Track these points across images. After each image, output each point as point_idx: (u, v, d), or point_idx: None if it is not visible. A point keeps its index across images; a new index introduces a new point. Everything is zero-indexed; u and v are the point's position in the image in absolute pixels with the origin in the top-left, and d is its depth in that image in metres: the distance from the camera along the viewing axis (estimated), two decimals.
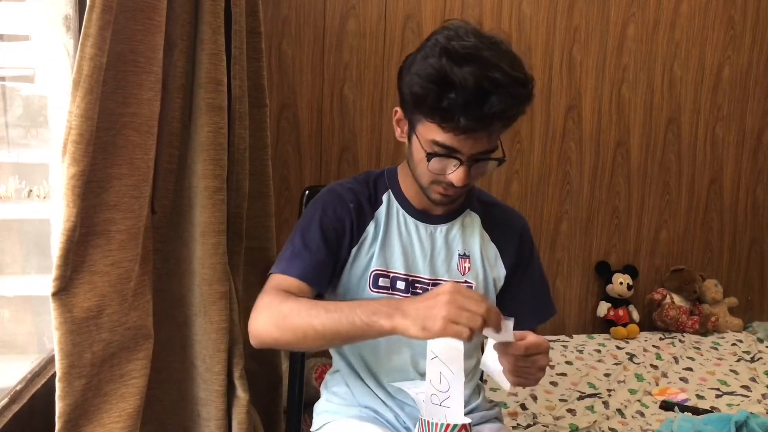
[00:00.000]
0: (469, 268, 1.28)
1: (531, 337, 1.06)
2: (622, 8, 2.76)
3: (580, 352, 2.73)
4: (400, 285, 1.25)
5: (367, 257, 1.25)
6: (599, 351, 2.74)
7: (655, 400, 2.32)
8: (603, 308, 2.89)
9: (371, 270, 1.25)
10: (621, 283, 2.86)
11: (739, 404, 2.31)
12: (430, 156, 1.13)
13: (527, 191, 2.78)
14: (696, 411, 2.19)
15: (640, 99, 2.85)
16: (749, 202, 3.06)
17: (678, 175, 2.96)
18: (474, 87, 1.05)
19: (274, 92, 2.40)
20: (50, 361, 1.34)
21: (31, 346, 1.61)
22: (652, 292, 2.95)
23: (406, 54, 1.21)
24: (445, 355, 1.10)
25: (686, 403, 2.28)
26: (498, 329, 1.01)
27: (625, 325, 2.86)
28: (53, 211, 1.40)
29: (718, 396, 2.38)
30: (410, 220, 1.28)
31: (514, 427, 2.12)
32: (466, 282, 1.28)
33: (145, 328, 1.28)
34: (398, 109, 1.22)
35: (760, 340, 2.90)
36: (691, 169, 2.97)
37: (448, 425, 1.08)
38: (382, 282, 1.25)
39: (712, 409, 2.25)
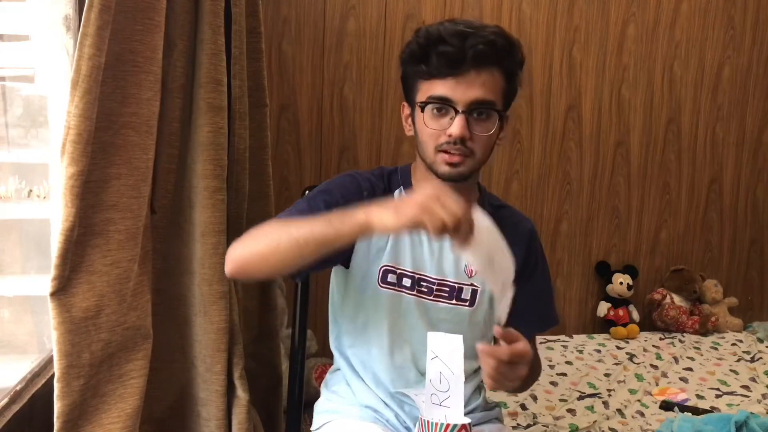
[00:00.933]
0: (476, 271, 1.29)
1: (521, 344, 1.04)
2: (622, 8, 2.76)
3: (580, 352, 2.72)
4: (406, 282, 1.26)
5: (375, 250, 1.25)
6: (599, 351, 2.74)
7: (655, 400, 2.32)
8: (603, 308, 2.88)
9: (381, 265, 1.25)
10: (621, 283, 2.85)
11: (739, 404, 2.30)
12: (423, 105, 1.17)
13: (527, 191, 2.78)
14: (696, 411, 2.19)
15: (640, 99, 2.84)
16: (749, 202, 3.06)
17: (678, 175, 2.95)
18: (452, 28, 1.15)
19: (274, 92, 2.40)
20: (50, 361, 1.34)
21: (31, 346, 1.61)
22: (652, 292, 2.95)
23: None
24: (446, 355, 1.10)
25: (686, 403, 2.28)
26: (467, 240, 0.98)
27: (625, 325, 2.86)
28: (53, 211, 1.40)
29: (718, 396, 2.38)
30: None
31: (514, 427, 2.12)
32: (472, 285, 1.28)
33: (144, 328, 1.28)
34: (404, 102, 1.26)
35: (760, 340, 2.89)
36: (691, 169, 2.96)
37: (448, 425, 1.08)
38: (390, 278, 1.25)
39: (712, 409, 2.24)
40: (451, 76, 1.14)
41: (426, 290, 1.26)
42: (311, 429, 1.37)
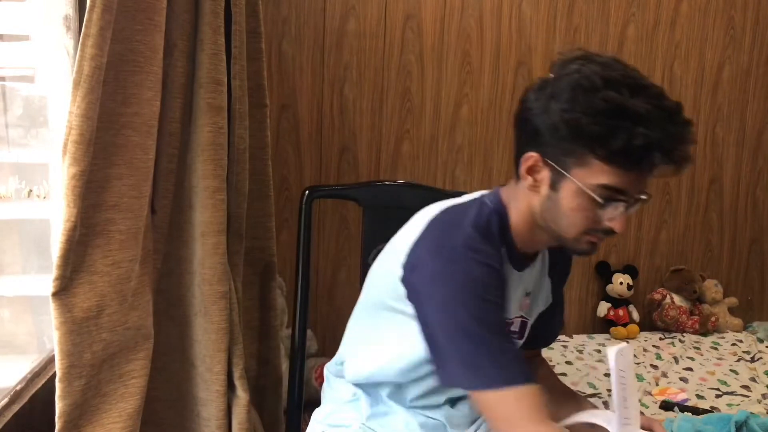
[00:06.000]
0: (528, 305, 1.26)
1: None
2: (622, 8, 2.76)
3: (580, 352, 2.73)
4: None
5: None
6: (599, 351, 2.74)
7: (655, 400, 2.32)
8: (603, 308, 2.88)
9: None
10: (621, 283, 2.85)
11: (739, 404, 2.30)
12: (607, 202, 1.01)
13: None
14: (696, 411, 2.19)
15: None
16: (749, 202, 3.06)
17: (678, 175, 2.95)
18: (665, 116, 1.00)
19: (274, 92, 2.40)
20: (50, 361, 1.34)
21: (31, 346, 1.61)
22: (652, 292, 2.95)
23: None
24: (627, 369, 1.02)
25: (686, 403, 2.28)
26: None
27: (625, 325, 2.86)
28: (53, 211, 1.40)
29: (718, 396, 2.38)
30: (508, 264, 1.16)
31: None
32: (522, 318, 1.25)
33: (145, 328, 1.28)
34: (533, 154, 1.05)
35: (760, 340, 2.89)
36: (691, 169, 2.96)
37: None
38: None
39: (712, 409, 2.24)
40: (638, 171, 1.00)
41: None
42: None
